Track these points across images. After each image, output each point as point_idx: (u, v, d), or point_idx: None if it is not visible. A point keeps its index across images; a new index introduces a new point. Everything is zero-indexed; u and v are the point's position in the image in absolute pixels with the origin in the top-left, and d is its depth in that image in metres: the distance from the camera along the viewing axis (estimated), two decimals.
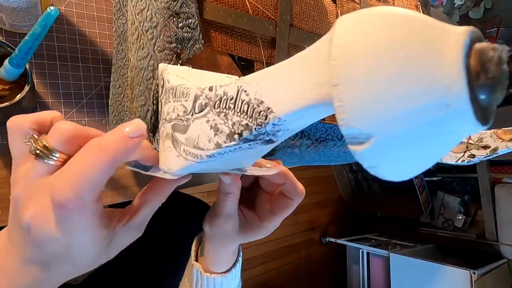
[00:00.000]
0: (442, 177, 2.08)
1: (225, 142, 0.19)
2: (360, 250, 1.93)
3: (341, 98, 0.13)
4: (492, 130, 0.58)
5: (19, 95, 0.35)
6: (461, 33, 0.13)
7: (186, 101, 0.21)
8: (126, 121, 0.38)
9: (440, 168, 2.05)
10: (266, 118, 0.17)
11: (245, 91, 0.18)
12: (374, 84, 0.13)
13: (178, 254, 0.60)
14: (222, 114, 0.19)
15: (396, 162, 0.14)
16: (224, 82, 0.19)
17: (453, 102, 0.12)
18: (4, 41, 0.36)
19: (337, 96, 0.14)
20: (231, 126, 0.18)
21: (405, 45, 0.13)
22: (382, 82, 0.13)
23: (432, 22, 0.13)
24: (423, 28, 0.13)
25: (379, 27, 0.13)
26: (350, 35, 0.14)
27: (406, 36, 0.13)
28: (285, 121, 0.17)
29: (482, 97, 0.13)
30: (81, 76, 0.46)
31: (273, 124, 0.17)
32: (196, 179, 0.56)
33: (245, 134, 0.18)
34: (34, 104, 0.42)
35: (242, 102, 0.18)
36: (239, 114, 0.18)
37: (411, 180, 1.93)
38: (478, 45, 0.13)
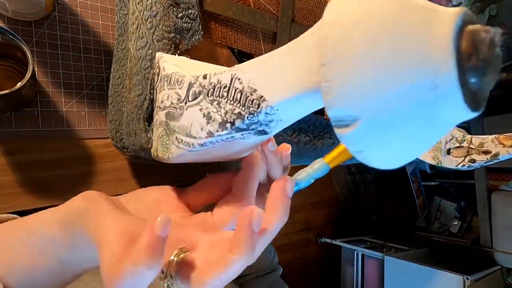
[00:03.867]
0: (440, 182, 2.08)
1: (217, 131, 0.19)
2: (355, 252, 1.92)
3: (328, 78, 0.13)
4: (494, 135, 0.57)
5: (20, 83, 0.35)
6: (453, 13, 0.12)
7: (180, 88, 0.21)
8: (123, 111, 0.38)
9: (438, 173, 2.05)
10: (258, 107, 0.17)
11: (239, 79, 0.18)
12: (361, 64, 0.12)
13: None
14: (215, 102, 0.19)
15: (384, 147, 0.14)
16: (219, 70, 0.19)
17: (442, 83, 0.12)
18: (6, 28, 0.36)
19: (323, 76, 0.13)
20: (223, 115, 0.18)
21: (395, 24, 0.12)
22: (370, 61, 0.12)
23: (424, 3, 0.13)
24: (414, 8, 0.12)
25: (370, 6, 0.13)
26: (341, 13, 0.13)
27: (396, 15, 0.12)
28: (277, 110, 0.17)
29: (473, 80, 0.12)
30: (83, 66, 0.46)
31: (266, 113, 0.17)
32: (197, 170, 0.56)
33: (237, 123, 0.18)
34: (34, 93, 0.42)
35: (235, 90, 0.18)
36: (232, 102, 0.18)
37: (408, 184, 1.92)
38: (470, 27, 0.12)
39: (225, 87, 0.18)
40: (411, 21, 0.12)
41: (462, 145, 0.61)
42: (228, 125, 0.18)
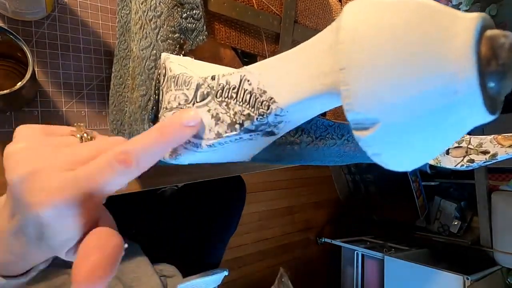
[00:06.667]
0: (440, 182, 2.08)
1: (225, 132, 0.19)
2: (355, 252, 1.93)
3: (347, 82, 0.13)
4: (492, 135, 0.58)
5: (20, 83, 0.35)
6: (472, 19, 0.12)
7: (187, 89, 0.20)
8: (126, 112, 0.37)
9: (438, 173, 2.05)
10: (268, 108, 0.17)
11: (248, 81, 0.17)
12: (381, 68, 0.12)
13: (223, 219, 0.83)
14: (224, 104, 0.18)
15: (401, 150, 0.14)
16: (227, 72, 0.19)
17: (461, 88, 0.12)
18: (6, 28, 0.36)
19: (343, 80, 0.13)
20: (232, 116, 0.18)
21: (414, 28, 0.12)
22: (389, 65, 0.12)
23: (443, 8, 0.13)
24: (434, 13, 0.12)
25: (388, 10, 0.13)
26: (358, 18, 0.13)
27: (415, 20, 0.12)
28: (287, 111, 0.17)
29: (492, 84, 0.12)
30: (83, 66, 0.45)
31: (275, 115, 0.17)
32: (203, 173, 0.55)
33: (247, 124, 0.18)
34: (34, 93, 0.42)
35: (244, 91, 0.18)
36: (241, 103, 0.18)
37: (408, 184, 1.93)
38: (489, 32, 0.12)
39: (234, 88, 0.18)
40: (430, 26, 0.12)
41: (461, 145, 0.61)
42: (237, 126, 0.18)
